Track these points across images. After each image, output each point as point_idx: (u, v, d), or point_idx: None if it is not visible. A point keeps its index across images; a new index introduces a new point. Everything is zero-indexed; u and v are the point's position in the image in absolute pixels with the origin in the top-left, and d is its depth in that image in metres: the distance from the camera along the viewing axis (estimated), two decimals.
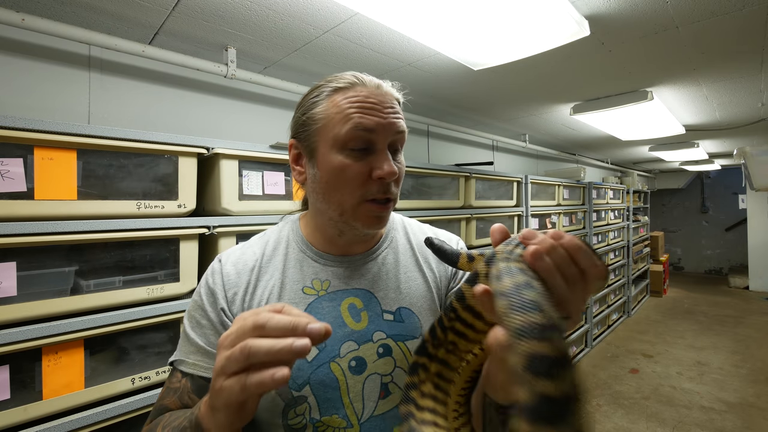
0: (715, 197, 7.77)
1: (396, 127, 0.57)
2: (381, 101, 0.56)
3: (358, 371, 0.57)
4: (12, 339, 0.90)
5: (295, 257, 0.63)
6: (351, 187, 0.56)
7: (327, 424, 0.55)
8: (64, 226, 0.98)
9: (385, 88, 0.59)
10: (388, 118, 0.56)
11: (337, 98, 0.57)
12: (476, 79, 1.93)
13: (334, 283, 0.61)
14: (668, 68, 1.85)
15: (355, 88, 0.57)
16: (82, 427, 0.98)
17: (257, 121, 1.84)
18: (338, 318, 0.59)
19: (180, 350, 0.59)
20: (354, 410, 0.56)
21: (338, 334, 0.58)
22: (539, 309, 0.26)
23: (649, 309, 5.37)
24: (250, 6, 1.22)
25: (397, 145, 0.59)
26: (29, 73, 1.26)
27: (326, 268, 0.63)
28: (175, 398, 0.56)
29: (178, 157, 1.20)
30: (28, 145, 0.95)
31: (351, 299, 0.61)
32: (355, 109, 0.55)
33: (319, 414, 0.55)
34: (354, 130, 0.54)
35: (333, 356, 0.57)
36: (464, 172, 2.26)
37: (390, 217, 0.70)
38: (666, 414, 2.71)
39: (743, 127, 3.11)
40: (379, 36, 1.45)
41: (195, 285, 1.22)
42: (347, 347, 0.58)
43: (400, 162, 0.59)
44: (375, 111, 0.55)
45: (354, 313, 0.60)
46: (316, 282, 0.61)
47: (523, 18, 1.24)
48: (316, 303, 0.60)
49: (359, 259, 0.64)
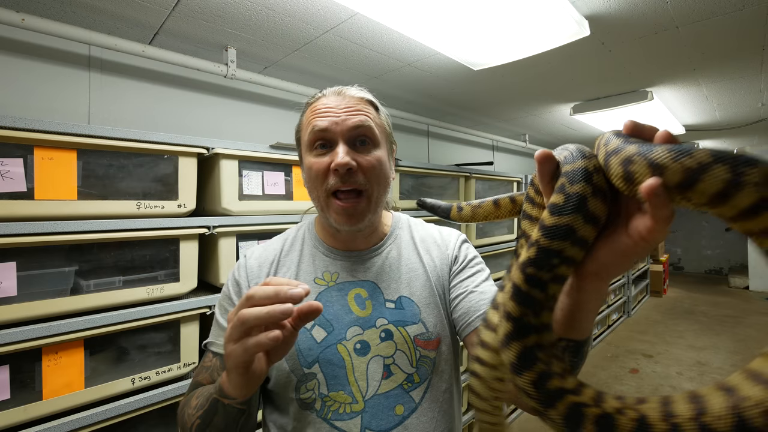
0: None
1: (352, 123, 0.62)
2: (338, 103, 0.64)
3: (363, 353, 0.63)
4: (12, 339, 0.90)
5: (309, 252, 0.71)
6: (318, 181, 0.63)
7: (334, 399, 0.61)
8: (64, 226, 0.98)
9: (348, 91, 0.67)
10: (341, 116, 0.62)
11: (307, 111, 0.67)
12: (476, 79, 1.93)
13: (342, 275, 0.69)
14: (668, 68, 1.85)
15: (319, 99, 0.66)
16: (82, 427, 0.98)
17: (257, 121, 1.84)
18: (345, 306, 0.66)
19: (212, 334, 0.68)
20: (359, 388, 0.62)
21: (345, 320, 0.65)
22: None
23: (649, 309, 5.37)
24: (250, 6, 1.22)
25: (361, 138, 0.64)
26: (29, 73, 1.26)
27: (335, 261, 0.70)
28: (207, 375, 0.64)
29: (178, 157, 1.20)
30: (28, 145, 0.95)
31: (357, 290, 0.67)
32: (314, 116, 0.64)
33: (327, 389, 0.61)
34: (312, 132, 0.63)
35: (340, 339, 0.64)
36: (464, 172, 2.26)
37: (396, 217, 0.78)
38: None
39: (743, 127, 3.11)
40: (379, 36, 1.45)
41: (195, 285, 1.23)
42: (353, 331, 0.64)
43: (369, 155, 0.64)
44: (330, 113, 0.63)
45: (359, 302, 0.67)
46: (326, 274, 0.69)
47: (523, 18, 1.24)
48: (326, 292, 0.67)
49: (365, 254, 0.71)
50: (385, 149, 0.68)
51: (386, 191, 0.68)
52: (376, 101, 0.69)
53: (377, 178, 0.64)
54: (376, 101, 0.69)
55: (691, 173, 0.24)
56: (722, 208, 0.24)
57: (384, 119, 0.69)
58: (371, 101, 0.68)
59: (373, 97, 0.69)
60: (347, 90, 0.67)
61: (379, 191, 0.65)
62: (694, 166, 0.24)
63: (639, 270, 5.47)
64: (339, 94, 0.65)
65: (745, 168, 0.23)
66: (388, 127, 0.70)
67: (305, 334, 0.64)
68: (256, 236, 1.35)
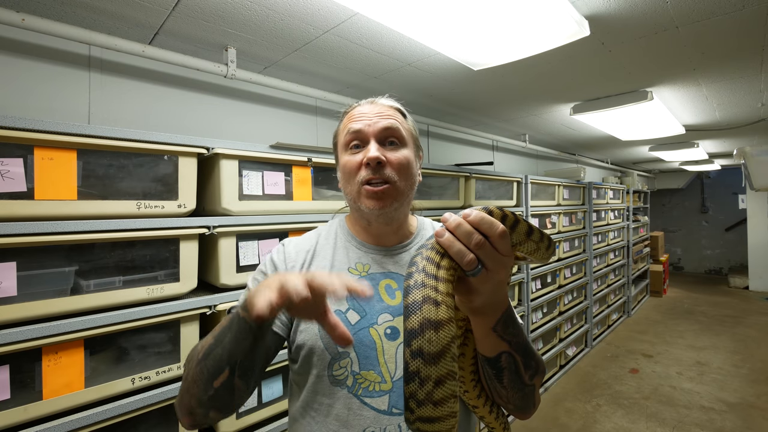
0: (715, 197, 7.76)
1: (382, 125, 0.71)
2: (371, 110, 0.73)
3: (393, 338, 0.68)
4: (12, 339, 0.90)
5: (342, 245, 0.78)
6: (352, 175, 0.71)
7: (365, 377, 0.66)
8: (64, 226, 0.97)
9: (379, 100, 0.76)
10: (373, 119, 0.71)
11: (344, 119, 0.77)
12: (476, 79, 1.93)
13: (373, 267, 0.74)
14: (668, 68, 1.85)
15: (354, 108, 0.76)
16: (82, 427, 0.98)
17: (257, 121, 1.84)
18: (377, 294, 0.72)
19: (239, 301, 0.72)
20: (388, 369, 0.67)
21: (376, 307, 0.70)
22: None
23: (649, 309, 5.37)
24: (250, 6, 1.22)
25: (391, 139, 0.72)
26: (29, 73, 1.26)
27: (367, 254, 0.76)
28: None
29: (178, 157, 1.20)
30: (28, 145, 0.95)
31: (387, 281, 0.73)
32: (351, 121, 0.73)
33: (359, 368, 0.66)
34: (348, 134, 0.72)
35: (372, 323, 0.69)
36: (464, 172, 2.26)
37: (420, 220, 0.86)
38: (666, 414, 2.71)
39: (743, 127, 3.11)
40: (379, 36, 1.45)
41: (195, 285, 1.23)
42: (383, 318, 0.70)
43: (397, 152, 0.71)
44: (363, 118, 0.72)
45: (390, 292, 0.72)
46: (359, 265, 0.75)
47: (523, 18, 1.24)
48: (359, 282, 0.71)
49: (394, 249, 0.77)
50: (412, 151, 0.75)
51: (412, 188, 0.74)
52: (404, 109, 0.78)
53: (405, 174, 0.71)
54: (404, 109, 0.78)
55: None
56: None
57: (411, 125, 0.77)
58: (399, 109, 0.76)
59: (402, 106, 0.78)
60: (379, 99, 0.76)
61: (406, 185, 0.71)
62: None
63: (639, 270, 5.47)
64: (372, 103, 0.75)
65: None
66: (414, 132, 0.78)
67: (341, 316, 0.69)
68: (256, 236, 1.35)
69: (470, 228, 0.44)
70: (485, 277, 0.46)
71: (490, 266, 0.45)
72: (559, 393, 3.04)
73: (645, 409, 2.79)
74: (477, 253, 0.44)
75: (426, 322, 0.40)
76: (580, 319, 3.73)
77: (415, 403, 0.40)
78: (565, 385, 3.17)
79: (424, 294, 0.42)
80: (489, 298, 0.49)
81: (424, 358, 0.40)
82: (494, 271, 0.46)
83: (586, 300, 3.83)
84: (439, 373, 0.40)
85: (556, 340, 3.27)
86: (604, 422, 2.64)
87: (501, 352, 0.54)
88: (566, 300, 3.43)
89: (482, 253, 0.45)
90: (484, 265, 0.45)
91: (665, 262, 6.20)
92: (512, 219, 0.48)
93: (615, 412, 2.76)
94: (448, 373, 0.40)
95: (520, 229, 0.49)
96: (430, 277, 0.43)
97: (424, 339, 0.40)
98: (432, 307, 0.41)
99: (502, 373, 0.55)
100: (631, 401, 2.90)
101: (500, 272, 0.47)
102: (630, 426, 2.59)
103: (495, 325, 0.52)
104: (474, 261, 0.44)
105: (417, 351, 0.40)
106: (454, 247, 0.44)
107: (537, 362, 0.59)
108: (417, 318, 0.41)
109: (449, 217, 0.46)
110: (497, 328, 0.53)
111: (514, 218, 0.48)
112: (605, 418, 2.69)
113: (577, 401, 2.92)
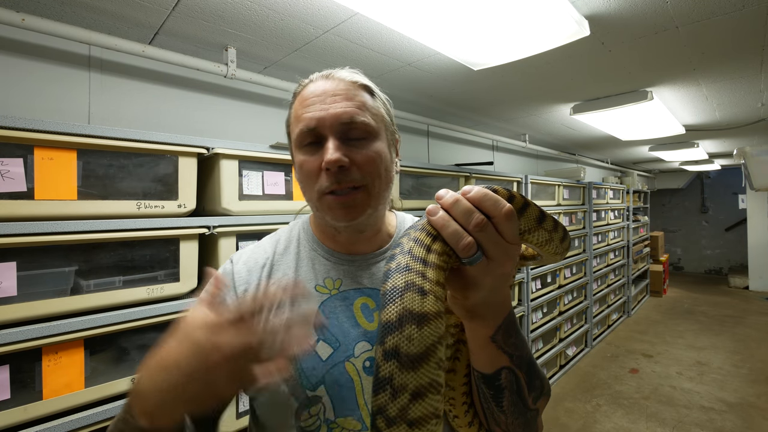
0: (715, 197, 7.76)
1: (341, 117, 0.54)
2: (326, 90, 0.55)
3: (373, 372, 0.57)
4: (12, 339, 0.90)
5: (307, 255, 0.63)
6: (310, 181, 0.56)
7: (341, 425, 0.54)
8: (64, 226, 0.97)
9: (337, 74, 0.58)
10: (329, 110, 0.54)
11: (296, 103, 0.59)
12: (476, 79, 1.93)
13: (345, 282, 0.61)
14: (668, 68, 1.85)
15: (307, 87, 0.58)
16: (82, 427, 0.98)
17: (257, 121, 1.84)
18: (351, 318, 0.58)
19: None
20: (369, 412, 0.54)
21: (352, 334, 0.57)
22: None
23: (649, 309, 5.37)
24: (250, 6, 1.22)
25: (355, 131, 0.55)
26: (29, 73, 1.26)
27: (337, 266, 0.62)
28: None
29: (178, 157, 1.20)
30: (28, 145, 0.95)
31: (364, 299, 0.60)
32: (303, 109, 0.56)
33: (333, 414, 0.54)
34: (301, 129, 0.56)
35: (348, 356, 0.56)
36: (464, 172, 2.26)
37: (401, 217, 0.70)
38: (666, 414, 2.71)
39: (743, 127, 3.11)
40: (379, 36, 1.45)
41: (195, 285, 1.22)
42: (361, 347, 0.57)
43: (365, 149, 0.55)
44: (317, 105, 0.55)
45: (367, 313, 0.59)
46: (328, 281, 0.61)
47: (523, 18, 1.24)
48: (329, 302, 0.59)
49: (369, 257, 0.63)
50: (384, 139, 0.59)
51: (388, 186, 0.60)
52: (371, 84, 0.60)
53: (377, 173, 0.56)
54: (372, 84, 0.60)
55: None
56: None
57: (381, 105, 0.60)
58: (365, 85, 0.59)
59: (368, 81, 0.60)
60: (336, 73, 0.58)
61: (380, 186, 0.57)
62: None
63: (639, 270, 5.47)
64: (328, 78, 0.57)
65: None
66: (386, 114, 0.61)
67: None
68: (256, 236, 1.35)
69: (470, 205, 0.36)
70: (486, 268, 0.36)
71: (492, 254, 0.36)
72: (559, 393, 3.04)
73: (645, 409, 2.79)
74: (477, 236, 0.35)
75: (407, 313, 0.31)
76: (580, 319, 3.73)
77: (384, 422, 0.30)
78: (565, 385, 3.17)
79: (407, 279, 0.33)
80: (489, 296, 0.39)
81: (401, 361, 0.30)
82: (497, 261, 0.36)
83: (586, 300, 3.83)
84: (419, 383, 0.30)
85: (556, 340, 3.27)
86: (604, 422, 2.64)
87: (501, 368, 0.44)
88: (566, 300, 3.43)
89: (483, 237, 0.35)
90: (485, 252, 0.36)
91: (665, 262, 6.20)
92: (521, 201, 0.39)
93: (615, 412, 2.76)
94: (430, 383, 0.30)
95: (530, 214, 0.39)
96: (417, 261, 0.34)
97: (403, 336, 0.30)
98: (416, 296, 0.32)
99: (502, 393, 0.44)
100: (631, 401, 2.90)
101: (505, 263, 0.37)
102: (630, 426, 2.59)
103: (495, 334, 0.42)
104: (473, 245, 0.35)
105: (392, 350, 0.30)
106: (448, 228, 0.35)
107: (542, 382, 0.48)
108: (395, 308, 0.31)
109: (444, 194, 0.37)
110: (497, 337, 0.43)
111: (523, 200, 0.39)
112: (605, 418, 2.69)
113: (577, 401, 2.92)
